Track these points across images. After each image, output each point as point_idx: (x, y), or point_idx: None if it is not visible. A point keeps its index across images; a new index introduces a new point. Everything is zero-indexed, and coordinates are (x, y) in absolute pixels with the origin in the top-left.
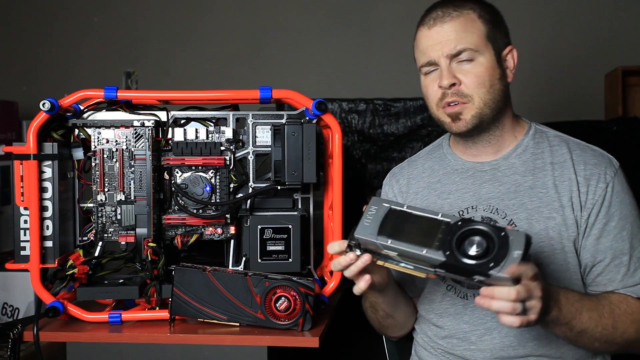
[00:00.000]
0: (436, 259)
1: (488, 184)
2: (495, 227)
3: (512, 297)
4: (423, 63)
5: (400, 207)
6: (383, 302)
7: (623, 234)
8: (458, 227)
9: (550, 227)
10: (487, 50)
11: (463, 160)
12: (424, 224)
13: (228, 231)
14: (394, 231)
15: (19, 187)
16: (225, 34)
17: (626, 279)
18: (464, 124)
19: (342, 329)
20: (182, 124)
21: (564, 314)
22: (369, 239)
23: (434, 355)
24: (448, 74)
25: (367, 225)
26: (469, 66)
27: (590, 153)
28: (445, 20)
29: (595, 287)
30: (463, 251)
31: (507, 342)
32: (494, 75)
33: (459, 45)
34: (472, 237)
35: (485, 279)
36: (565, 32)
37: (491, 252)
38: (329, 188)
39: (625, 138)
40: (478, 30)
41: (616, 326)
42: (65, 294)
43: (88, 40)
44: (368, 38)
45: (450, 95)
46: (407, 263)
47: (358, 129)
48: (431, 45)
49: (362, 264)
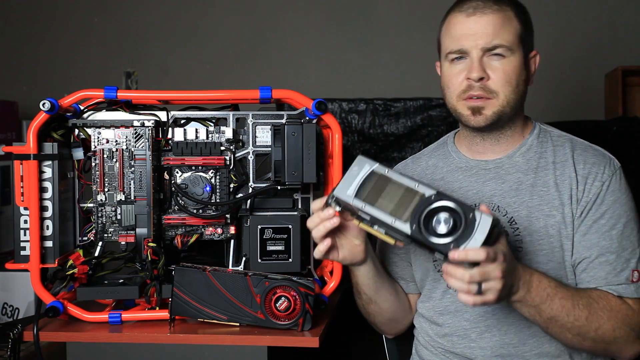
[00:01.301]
0: (402, 231)
1: (491, 182)
2: (466, 207)
3: (465, 279)
4: (453, 50)
5: (382, 171)
6: (363, 284)
7: (612, 233)
8: (430, 202)
9: (550, 225)
10: (518, 50)
11: (467, 158)
12: (400, 192)
13: (228, 231)
14: (370, 195)
15: (19, 187)
16: (225, 34)
17: (610, 277)
18: (483, 119)
19: (342, 329)
20: (182, 124)
21: (532, 296)
22: (345, 200)
23: (434, 354)
24: (479, 67)
25: (347, 185)
26: (500, 63)
27: (592, 152)
28: (485, 12)
29: (580, 283)
30: (430, 227)
31: (507, 339)
32: (521, 76)
33: (495, 40)
34: (441, 214)
35: (444, 259)
36: (565, 32)
37: (455, 232)
38: (329, 188)
39: (625, 138)
40: (514, 29)
41: (590, 320)
42: (65, 294)
43: (88, 40)
44: (368, 38)
45: (476, 89)
46: (379, 227)
47: (358, 129)
48: (466, 34)
49: (330, 225)
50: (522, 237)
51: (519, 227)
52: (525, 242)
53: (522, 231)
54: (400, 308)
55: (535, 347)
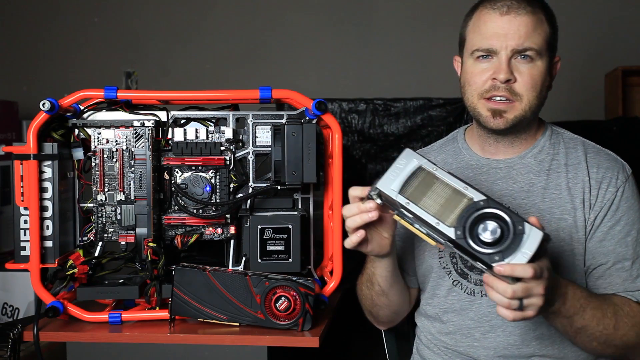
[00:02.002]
0: (447, 234)
1: (502, 182)
2: (516, 217)
3: (507, 294)
4: (481, 48)
5: (430, 169)
6: (380, 275)
7: (627, 240)
8: (478, 207)
9: (561, 229)
10: (546, 55)
11: (478, 156)
12: (447, 193)
13: (228, 231)
14: (416, 192)
15: (19, 187)
16: (225, 34)
17: (627, 284)
18: (503, 122)
19: (342, 329)
20: (182, 124)
21: (567, 308)
22: (389, 194)
23: (436, 353)
24: (507, 68)
25: (392, 179)
26: (528, 66)
27: (605, 157)
28: (520, 13)
29: (596, 290)
30: (475, 233)
31: (511, 340)
32: (545, 81)
33: (527, 42)
34: (489, 222)
35: (487, 268)
36: (565, 32)
37: (502, 243)
38: (329, 188)
39: (625, 138)
40: (544, 33)
41: (618, 327)
42: (65, 294)
43: (88, 40)
44: (368, 38)
45: (501, 90)
46: (421, 226)
47: (358, 129)
48: (498, 33)
49: (368, 218)
50: None
51: None
52: None
53: None
54: (406, 302)
55: (538, 350)
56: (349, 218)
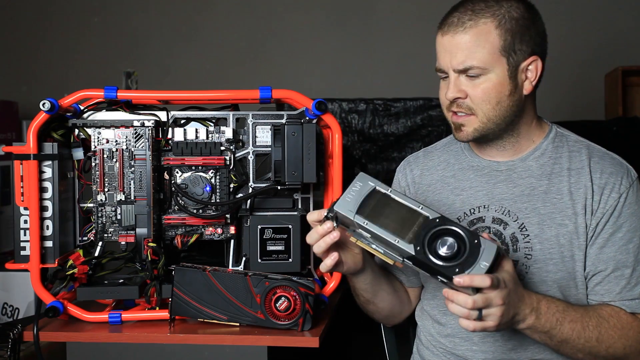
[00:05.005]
0: (406, 251)
1: (502, 184)
2: (471, 233)
3: (468, 305)
4: (436, 67)
5: (384, 190)
6: (360, 289)
7: (629, 247)
8: (434, 224)
9: (562, 234)
10: (498, 66)
11: (479, 158)
12: (403, 213)
13: (228, 231)
14: (373, 213)
15: (19, 187)
16: (225, 34)
17: (624, 292)
18: (464, 135)
19: (342, 329)
20: (182, 124)
21: (542, 323)
22: (346, 215)
23: (435, 354)
24: (454, 87)
25: (348, 200)
26: (477, 81)
27: (609, 161)
28: (457, 31)
29: (593, 296)
30: (434, 249)
31: (510, 345)
32: (502, 91)
33: (468, 61)
34: (446, 237)
35: (447, 282)
36: (565, 32)
37: (460, 257)
38: (329, 188)
39: (625, 138)
40: (490, 45)
41: (601, 340)
42: (65, 294)
43: (88, 40)
44: (368, 38)
45: (455, 106)
46: (378, 246)
47: (358, 129)
48: (442, 54)
49: (330, 240)
50: (533, 244)
51: (530, 235)
52: (536, 250)
53: (532, 239)
54: (399, 305)
55: (536, 354)
56: (313, 245)
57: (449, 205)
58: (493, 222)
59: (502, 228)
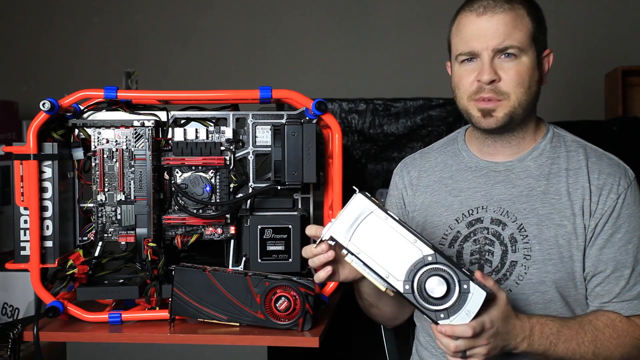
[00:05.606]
0: (396, 288)
1: (501, 185)
2: (462, 275)
3: (450, 349)
4: (462, 52)
5: (381, 217)
6: (365, 292)
7: (628, 247)
8: (427, 262)
9: (560, 235)
10: (531, 50)
11: (477, 158)
12: (397, 245)
13: (228, 231)
14: (367, 242)
15: (19, 187)
16: (225, 33)
17: (624, 292)
18: (494, 121)
19: (342, 329)
20: (182, 124)
21: (535, 347)
22: (341, 241)
23: (434, 355)
24: (490, 69)
25: (344, 225)
26: (512, 64)
27: (607, 162)
28: (496, 11)
29: (593, 297)
30: (422, 290)
31: None
32: (533, 76)
33: (507, 40)
34: (436, 278)
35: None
36: (565, 32)
37: (447, 301)
38: (329, 188)
39: (625, 138)
40: (526, 28)
41: (597, 353)
42: (65, 294)
43: (88, 40)
44: (368, 38)
45: (487, 91)
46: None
47: (358, 129)
48: (477, 35)
49: (325, 259)
50: (531, 245)
51: (529, 235)
52: (534, 251)
53: (531, 239)
54: (401, 308)
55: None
56: (309, 259)
57: (447, 207)
58: (492, 222)
59: (501, 229)
